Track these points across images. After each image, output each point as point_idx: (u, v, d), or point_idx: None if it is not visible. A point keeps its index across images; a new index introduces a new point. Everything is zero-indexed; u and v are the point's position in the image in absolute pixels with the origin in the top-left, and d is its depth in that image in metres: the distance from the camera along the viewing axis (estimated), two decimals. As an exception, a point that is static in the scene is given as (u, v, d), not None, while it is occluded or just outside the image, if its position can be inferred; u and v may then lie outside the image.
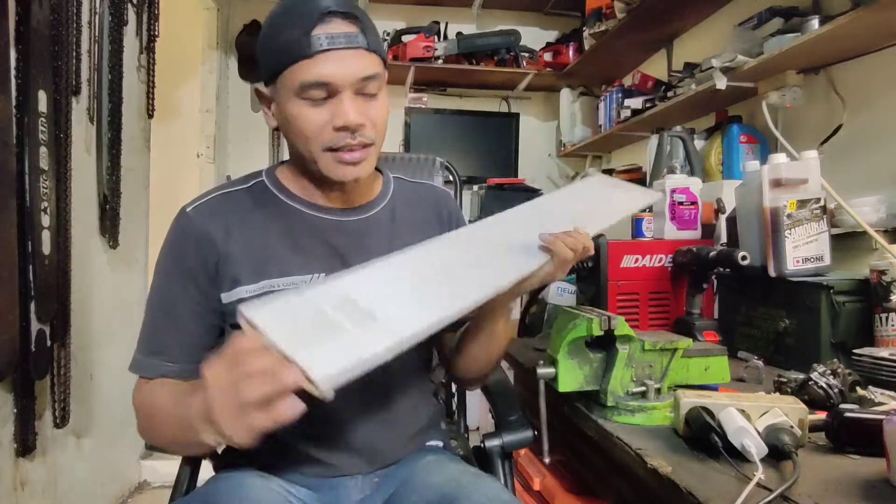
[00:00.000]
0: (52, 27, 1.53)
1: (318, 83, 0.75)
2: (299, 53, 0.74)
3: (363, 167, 0.81)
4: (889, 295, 1.06)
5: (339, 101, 0.76)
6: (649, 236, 1.46)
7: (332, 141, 0.78)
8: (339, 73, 0.75)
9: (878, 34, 1.37)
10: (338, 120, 0.77)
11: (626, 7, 2.28)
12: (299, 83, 0.75)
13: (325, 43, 0.74)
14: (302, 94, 0.76)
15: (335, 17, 0.75)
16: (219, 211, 0.84)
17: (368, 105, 0.79)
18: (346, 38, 0.75)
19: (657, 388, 0.88)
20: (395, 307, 0.66)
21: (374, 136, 0.81)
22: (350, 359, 0.56)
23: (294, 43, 0.74)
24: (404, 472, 0.87)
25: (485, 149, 3.24)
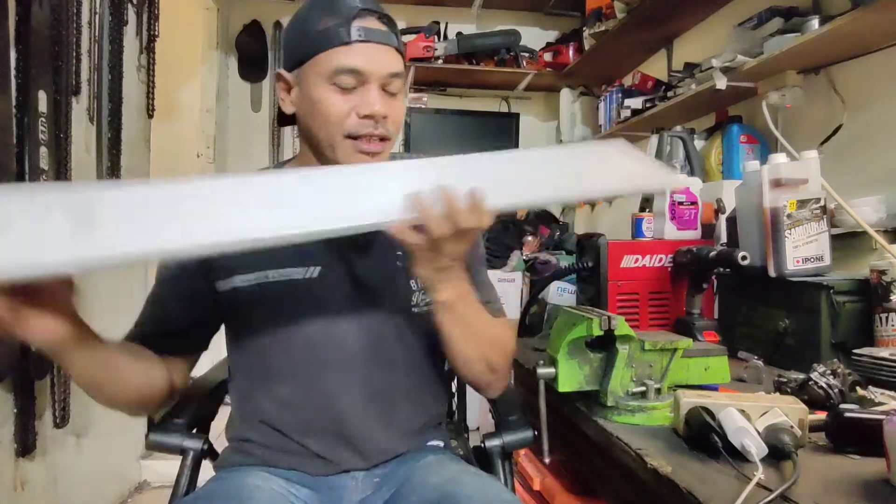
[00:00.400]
0: (52, 27, 1.53)
1: (352, 70, 0.78)
2: (338, 40, 0.77)
3: (378, 160, 0.83)
4: (889, 295, 1.05)
5: (366, 90, 0.79)
6: (649, 236, 1.46)
7: (355, 128, 0.80)
8: (371, 65, 0.78)
9: (878, 34, 1.37)
10: (364, 108, 0.79)
11: (626, 7, 2.28)
12: (334, 68, 0.78)
13: (364, 35, 0.78)
14: (333, 79, 0.78)
15: (371, 15, 0.80)
16: None
17: (390, 102, 0.82)
18: (380, 35, 0.79)
19: (657, 388, 0.88)
20: (133, 225, 0.58)
21: (392, 131, 0.83)
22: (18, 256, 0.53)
23: (333, 30, 0.78)
24: (405, 471, 0.87)
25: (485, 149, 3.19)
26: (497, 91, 3.32)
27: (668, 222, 1.41)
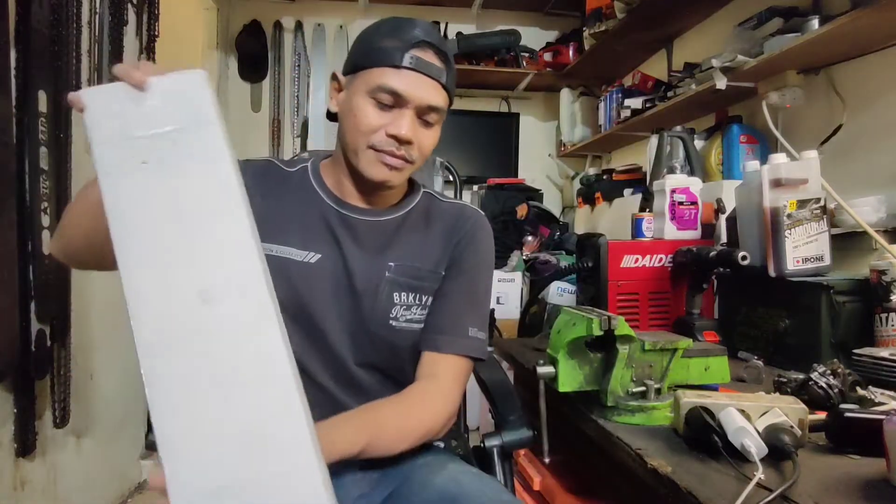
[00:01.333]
0: (52, 27, 1.53)
1: (393, 91, 0.83)
2: (390, 61, 0.83)
3: (396, 175, 0.87)
4: (889, 295, 1.06)
5: (400, 114, 0.84)
6: (649, 236, 1.46)
7: (380, 143, 0.84)
8: (412, 92, 0.83)
9: (878, 34, 1.37)
10: (392, 128, 0.83)
11: (626, 7, 2.28)
12: (378, 84, 0.83)
13: (415, 63, 0.83)
14: (374, 93, 0.83)
15: (431, 49, 0.84)
16: (257, 174, 0.91)
17: (423, 131, 0.86)
18: (432, 68, 0.84)
19: (657, 388, 0.88)
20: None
21: (416, 156, 0.87)
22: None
23: (389, 51, 0.83)
24: (404, 470, 0.87)
25: (485, 149, 3.24)
26: (497, 91, 3.32)
27: (668, 222, 1.41)
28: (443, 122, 0.91)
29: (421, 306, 0.90)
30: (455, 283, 0.91)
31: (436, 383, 0.86)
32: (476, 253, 0.94)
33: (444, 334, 0.88)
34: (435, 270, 0.92)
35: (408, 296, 0.89)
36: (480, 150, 3.23)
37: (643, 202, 1.66)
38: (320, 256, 0.87)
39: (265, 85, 3.21)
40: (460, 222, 0.96)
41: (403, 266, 0.89)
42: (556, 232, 2.90)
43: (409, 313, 0.89)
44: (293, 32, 3.20)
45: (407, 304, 0.89)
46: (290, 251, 0.87)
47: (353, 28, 3.23)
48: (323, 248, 0.88)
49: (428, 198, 0.99)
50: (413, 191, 0.98)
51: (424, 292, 0.91)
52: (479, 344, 0.91)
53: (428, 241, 0.93)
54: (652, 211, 1.47)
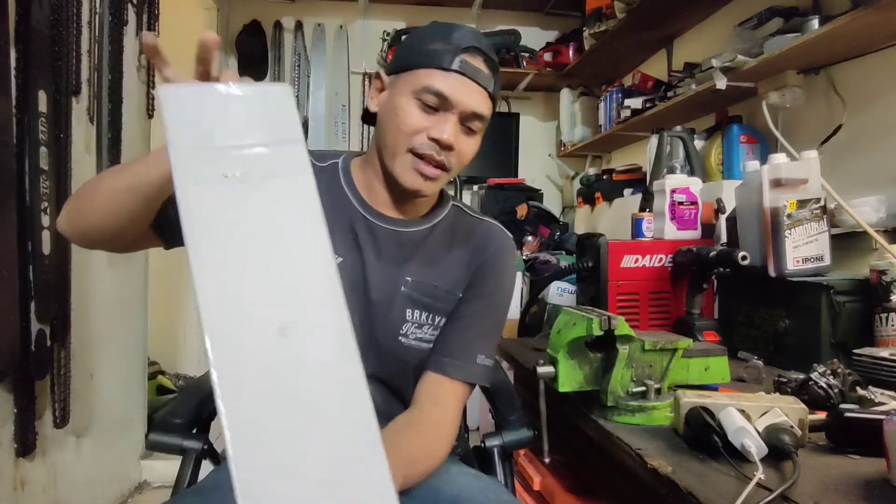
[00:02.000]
0: (52, 27, 1.53)
1: (440, 94, 0.81)
2: (439, 63, 0.82)
3: (431, 185, 0.85)
4: (889, 295, 1.06)
5: (444, 117, 0.82)
6: (649, 236, 1.46)
7: (421, 146, 0.82)
8: (460, 97, 0.82)
9: (878, 34, 1.37)
10: (435, 131, 0.82)
11: (626, 7, 2.28)
12: (424, 85, 0.82)
13: (464, 67, 0.82)
14: (419, 94, 0.82)
15: (480, 55, 0.84)
16: None
17: (464, 138, 0.85)
18: (480, 75, 0.83)
19: (657, 388, 0.88)
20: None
21: (454, 164, 0.85)
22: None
23: (439, 53, 0.82)
24: (403, 472, 0.87)
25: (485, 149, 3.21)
26: (497, 91, 3.32)
27: (668, 222, 1.41)
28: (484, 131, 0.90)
29: (433, 327, 0.88)
30: (471, 308, 0.89)
31: (445, 413, 0.84)
32: (498, 278, 0.91)
33: (452, 358, 0.86)
34: (452, 291, 0.89)
35: (421, 314, 0.87)
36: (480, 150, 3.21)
37: (643, 202, 1.66)
38: (341, 261, 0.86)
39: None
40: (485, 243, 0.93)
41: (420, 283, 0.87)
42: (556, 232, 2.90)
43: (420, 332, 0.87)
44: (293, 32, 3.20)
45: (419, 323, 0.87)
46: None
47: (353, 28, 3.23)
48: (345, 252, 0.87)
49: (456, 211, 0.96)
50: (442, 202, 0.96)
51: (438, 313, 0.88)
52: (486, 372, 0.89)
53: (449, 260, 0.91)
54: (652, 211, 1.47)
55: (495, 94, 0.87)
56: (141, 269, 2.25)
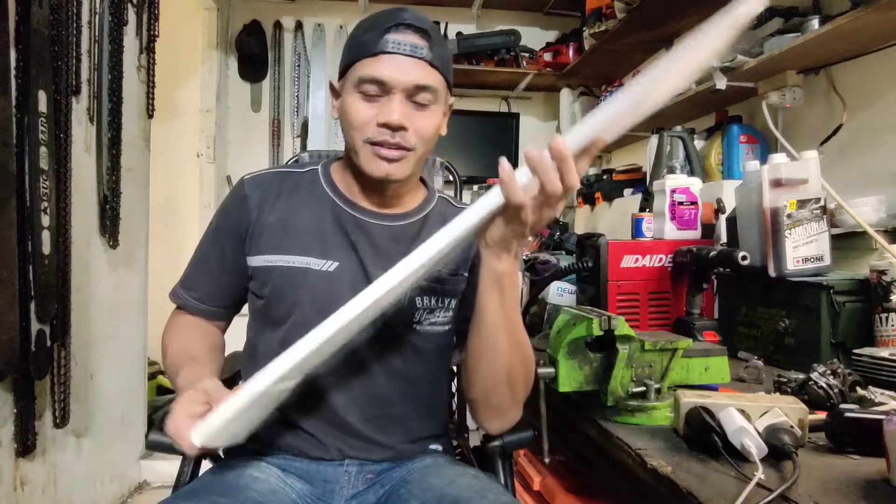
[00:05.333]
0: (52, 27, 1.53)
1: (373, 79, 0.81)
2: (367, 51, 0.82)
3: (397, 167, 0.85)
4: (889, 295, 1.05)
5: (388, 100, 0.82)
6: (649, 236, 1.46)
7: (374, 135, 0.83)
8: (393, 75, 0.81)
9: (878, 34, 1.37)
10: (382, 117, 0.82)
11: (626, 7, 2.28)
12: (359, 76, 0.82)
13: (391, 47, 0.81)
14: (359, 87, 0.83)
15: (408, 29, 0.82)
16: (267, 184, 0.93)
17: (416, 114, 0.84)
18: (410, 47, 0.81)
19: (657, 388, 0.88)
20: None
21: (415, 142, 0.84)
22: (219, 417, 0.71)
23: (366, 43, 0.83)
24: (400, 472, 0.87)
25: (485, 149, 3.24)
26: (497, 91, 3.32)
27: (668, 222, 1.41)
28: (444, 103, 0.88)
29: (444, 309, 0.90)
30: None
31: None
32: None
33: None
34: (456, 273, 0.91)
35: (431, 299, 0.89)
36: (480, 150, 3.23)
37: (643, 202, 1.65)
38: (338, 264, 0.87)
39: (265, 85, 3.21)
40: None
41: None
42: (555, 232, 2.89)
43: (433, 316, 0.89)
44: (293, 32, 3.20)
45: (430, 308, 0.89)
46: (309, 260, 0.87)
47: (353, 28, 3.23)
48: (341, 255, 0.88)
49: (443, 202, 0.99)
50: (429, 196, 0.98)
51: (447, 295, 0.90)
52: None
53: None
54: (652, 211, 1.47)
55: (438, 62, 0.84)
56: (141, 269, 2.25)
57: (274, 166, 0.98)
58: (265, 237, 0.89)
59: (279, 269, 0.87)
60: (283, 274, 0.87)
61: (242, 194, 0.92)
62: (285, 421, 0.88)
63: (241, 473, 0.82)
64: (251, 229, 0.90)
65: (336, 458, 0.86)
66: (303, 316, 0.86)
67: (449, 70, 0.87)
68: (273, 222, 0.90)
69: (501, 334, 0.78)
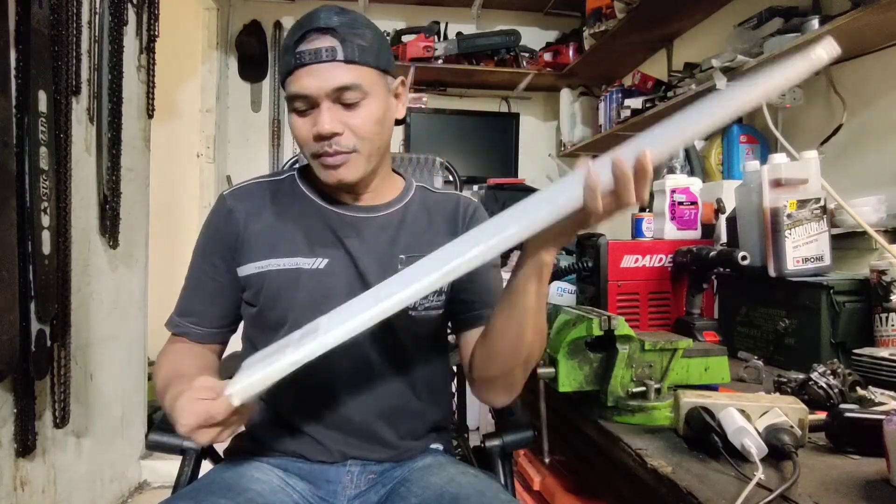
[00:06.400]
0: (52, 27, 1.53)
1: (297, 95, 0.82)
2: (287, 69, 0.83)
3: (345, 171, 0.85)
4: (889, 295, 1.06)
5: (318, 111, 0.82)
6: (649, 236, 1.46)
7: (315, 148, 0.84)
8: (311, 86, 0.81)
9: (878, 34, 1.37)
10: (314, 129, 0.82)
11: (626, 7, 2.28)
12: (286, 96, 0.84)
13: (301, 59, 0.81)
14: (291, 105, 0.84)
15: (314, 34, 0.80)
16: (248, 195, 0.94)
17: (348, 114, 0.83)
18: (317, 54, 0.80)
19: (657, 388, 0.88)
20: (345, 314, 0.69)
21: (353, 143, 0.83)
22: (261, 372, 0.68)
23: (285, 60, 0.83)
24: (402, 471, 0.87)
25: (485, 149, 3.24)
26: (497, 91, 3.32)
27: (668, 222, 1.41)
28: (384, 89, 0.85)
29: (437, 293, 0.90)
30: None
31: None
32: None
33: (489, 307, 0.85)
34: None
35: None
36: (480, 150, 3.23)
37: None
38: (328, 261, 0.88)
39: (265, 85, 3.21)
40: (460, 208, 0.98)
41: (414, 257, 0.87)
42: (556, 232, 2.89)
43: (427, 301, 0.90)
44: (293, 32, 3.20)
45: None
46: (298, 261, 0.88)
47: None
48: (329, 252, 0.88)
49: (422, 191, 1.00)
50: (407, 185, 0.99)
51: None
52: None
53: (433, 231, 0.94)
54: (652, 211, 1.47)
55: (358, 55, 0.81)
56: (141, 268, 2.25)
57: (251, 178, 0.98)
58: (254, 245, 0.89)
59: (270, 273, 0.87)
60: (275, 277, 0.87)
61: (226, 208, 0.92)
62: (286, 425, 0.88)
63: (243, 474, 0.82)
64: (240, 240, 0.90)
65: (339, 460, 0.86)
66: (298, 317, 0.85)
67: (376, 55, 0.83)
68: (261, 230, 0.90)
69: (531, 319, 0.78)
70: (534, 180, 3.26)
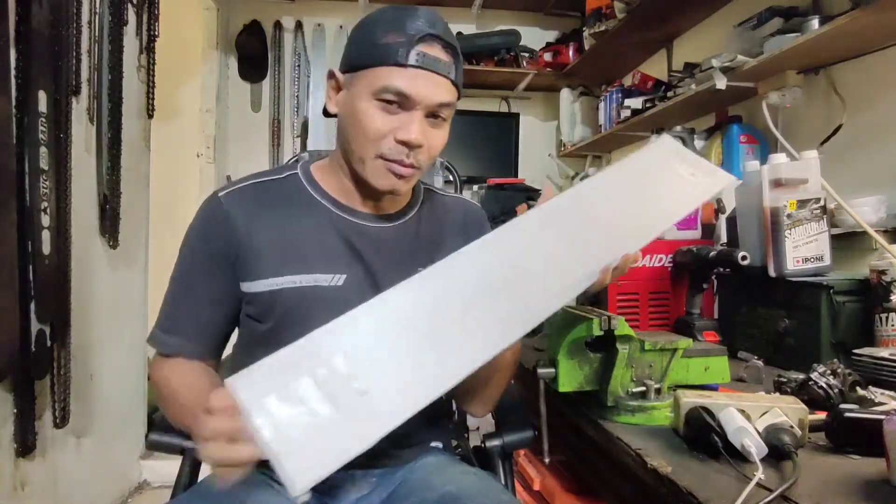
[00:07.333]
0: (52, 27, 1.53)
1: (401, 93, 0.77)
2: (396, 59, 0.77)
3: (406, 183, 0.83)
4: (889, 295, 1.05)
5: (410, 117, 0.79)
6: (649, 236, 1.46)
7: (390, 151, 0.80)
8: (422, 92, 0.78)
9: (878, 34, 1.37)
10: (402, 133, 0.78)
11: (626, 7, 2.28)
12: (382, 85, 0.77)
13: (422, 61, 0.77)
14: (380, 95, 0.78)
15: (437, 42, 0.79)
16: (250, 199, 0.85)
17: (432, 131, 0.82)
18: (440, 65, 0.78)
19: (657, 388, 0.88)
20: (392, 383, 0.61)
21: (425, 162, 0.83)
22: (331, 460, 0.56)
23: (395, 47, 0.77)
24: (403, 472, 0.87)
25: (485, 149, 3.24)
26: (497, 91, 3.32)
27: (668, 222, 1.41)
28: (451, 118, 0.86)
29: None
30: None
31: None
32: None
33: None
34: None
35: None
36: (480, 150, 3.23)
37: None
38: (346, 277, 0.84)
39: (265, 85, 3.21)
40: (468, 217, 0.97)
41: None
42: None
43: None
44: (293, 32, 3.20)
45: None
46: (317, 278, 0.83)
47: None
48: (347, 268, 0.84)
49: (428, 193, 0.98)
50: (417, 189, 0.96)
51: None
52: None
53: (445, 240, 0.92)
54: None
55: (458, 80, 0.82)
56: (141, 269, 2.25)
57: (245, 178, 0.89)
58: (263, 259, 0.82)
59: (287, 290, 0.82)
60: (292, 295, 0.82)
61: (223, 212, 0.84)
62: None
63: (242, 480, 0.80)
64: (242, 251, 0.83)
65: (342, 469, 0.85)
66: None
67: (461, 81, 0.85)
68: (267, 242, 0.83)
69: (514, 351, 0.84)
70: (534, 180, 3.26)
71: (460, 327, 0.66)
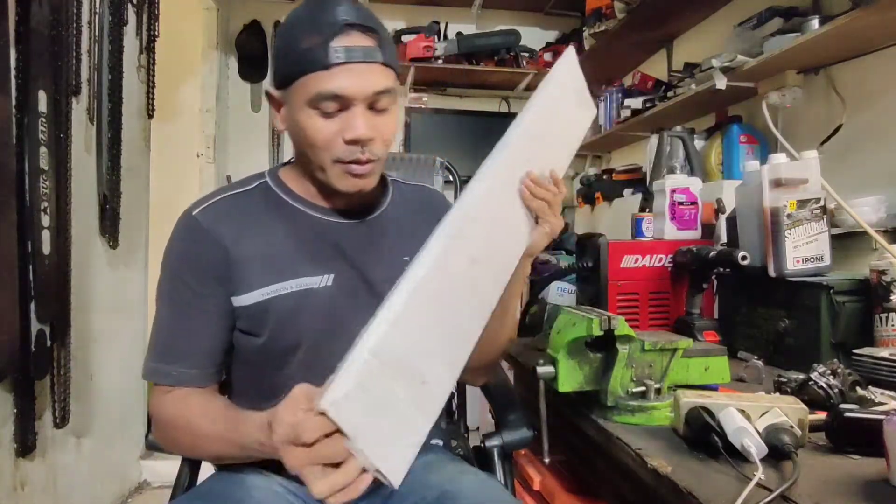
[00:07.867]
0: (52, 27, 1.53)
1: (333, 95, 0.75)
2: (318, 64, 0.74)
3: (369, 180, 0.83)
4: (889, 295, 1.05)
5: (351, 114, 0.77)
6: (649, 236, 1.46)
7: (342, 153, 0.78)
8: (353, 87, 0.75)
9: (878, 34, 1.37)
10: (348, 133, 0.77)
11: (626, 7, 2.28)
12: (314, 94, 0.75)
13: (343, 56, 0.74)
14: (315, 104, 0.76)
15: (354, 30, 0.75)
16: (226, 214, 0.84)
17: (378, 120, 0.79)
18: (363, 52, 0.75)
19: (657, 388, 0.88)
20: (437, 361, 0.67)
21: (381, 151, 0.81)
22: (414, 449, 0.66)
23: (312, 52, 0.74)
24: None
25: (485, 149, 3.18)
26: (497, 91, 3.32)
27: (668, 222, 1.41)
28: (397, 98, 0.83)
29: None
30: None
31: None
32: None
33: None
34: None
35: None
36: (480, 150, 3.18)
37: (643, 202, 1.66)
38: (334, 276, 0.83)
39: (265, 85, 3.21)
40: (434, 202, 1.00)
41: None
42: (555, 232, 2.89)
43: None
44: (293, 32, 3.20)
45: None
46: (306, 281, 0.82)
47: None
48: (334, 266, 0.84)
49: (395, 184, 0.98)
50: (384, 182, 0.95)
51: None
52: None
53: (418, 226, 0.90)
54: (652, 211, 1.47)
55: (389, 58, 0.78)
56: (141, 269, 2.25)
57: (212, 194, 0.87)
58: (251, 272, 0.81)
59: (279, 298, 0.81)
60: (283, 302, 0.81)
61: (202, 230, 0.82)
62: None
63: (242, 481, 0.79)
64: (230, 268, 0.81)
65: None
66: (312, 339, 0.82)
67: (396, 61, 0.81)
68: (252, 252, 0.82)
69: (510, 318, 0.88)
70: (534, 180, 3.26)
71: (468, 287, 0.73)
